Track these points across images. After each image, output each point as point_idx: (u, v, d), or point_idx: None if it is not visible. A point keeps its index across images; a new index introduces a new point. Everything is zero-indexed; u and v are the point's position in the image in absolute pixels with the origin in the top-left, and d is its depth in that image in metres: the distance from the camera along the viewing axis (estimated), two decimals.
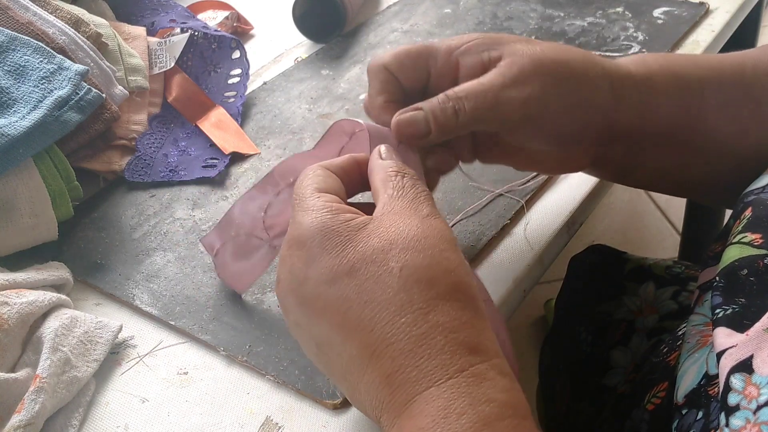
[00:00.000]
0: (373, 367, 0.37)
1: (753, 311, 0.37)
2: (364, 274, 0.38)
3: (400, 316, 0.37)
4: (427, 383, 0.35)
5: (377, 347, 0.37)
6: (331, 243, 0.39)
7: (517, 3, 0.91)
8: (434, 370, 0.35)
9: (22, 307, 0.47)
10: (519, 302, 0.54)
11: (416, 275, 0.37)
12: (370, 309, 0.37)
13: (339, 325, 0.38)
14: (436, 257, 0.38)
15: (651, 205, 1.78)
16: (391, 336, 0.36)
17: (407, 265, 0.37)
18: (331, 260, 0.39)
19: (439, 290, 0.37)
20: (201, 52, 0.78)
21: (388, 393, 0.36)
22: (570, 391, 0.70)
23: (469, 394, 0.34)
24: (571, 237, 0.60)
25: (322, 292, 0.39)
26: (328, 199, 0.41)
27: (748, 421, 0.34)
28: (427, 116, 0.46)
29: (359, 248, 0.38)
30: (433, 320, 0.36)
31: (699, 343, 0.45)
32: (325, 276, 0.39)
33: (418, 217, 0.39)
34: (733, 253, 0.40)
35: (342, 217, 0.40)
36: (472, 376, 0.35)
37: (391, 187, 0.41)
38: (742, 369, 0.35)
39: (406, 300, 0.37)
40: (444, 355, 0.36)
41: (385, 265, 0.38)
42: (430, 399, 0.35)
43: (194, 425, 0.46)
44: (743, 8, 0.88)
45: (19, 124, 0.55)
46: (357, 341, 0.38)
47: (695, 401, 0.42)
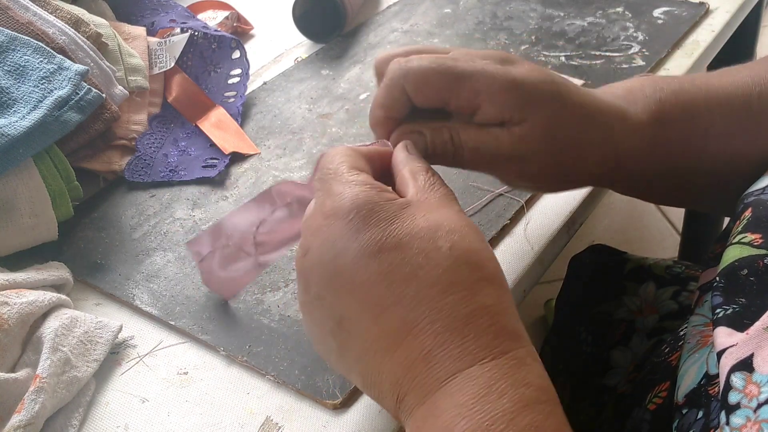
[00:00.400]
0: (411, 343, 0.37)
1: (753, 311, 0.37)
2: (413, 249, 0.38)
3: (447, 293, 0.37)
4: (471, 361, 0.36)
5: (420, 323, 0.37)
6: (378, 217, 0.39)
7: (517, 3, 0.91)
8: (479, 349, 0.36)
9: (22, 307, 0.47)
10: (519, 302, 0.54)
11: (465, 256, 0.38)
12: (416, 284, 0.37)
13: (377, 299, 0.37)
14: (479, 243, 0.39)
15: (651, 205, 1.78)
16: (437, 312, 0.37)
17: (456, 245, 0.38)
18: (378, 233, 0.38)
19: (484, 273, 0.38)
20: (201, 52, 0.78)
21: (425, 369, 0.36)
22: (570, 391, 0.70)
23: (511, 376, 0.35)
24: (571, 237, 0.60)
25: (363, 264, 0.38)
26: (367, 177, 0.41)
27: (749, 420, 0.34)
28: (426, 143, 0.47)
29: (406, 224, 0.38)
30: (480, 301, 0.37)
31: (699, 344, 0.45)
32: (369, 249, 0.38)
33: (454, 210, 0.40)
34: (733, 253, 0.40)
35: (386, 195, 0.40)
36: (514, 359, 0.36)
37: (423, 180, 0.42)
38: (743, 368, 0.35)
39: (455, 279, 0.37)
40: (488, 336, 0.36)
41: (434, 242, 0.38)
42: (472, 377, 0.35)
43: (194, 425, 0.46)
44: (743, 8, 0.88)
45: (19, 124, 0.55)
46: (396, 316, 0.37)
47: (695, 401, 0.42)
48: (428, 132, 0.47)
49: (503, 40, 0.84)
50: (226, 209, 0.62)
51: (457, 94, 0.46)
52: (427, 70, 0.45)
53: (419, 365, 0.36)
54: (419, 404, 0.36)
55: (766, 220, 0.41)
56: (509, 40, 0.83)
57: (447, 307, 0.37)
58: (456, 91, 0.46)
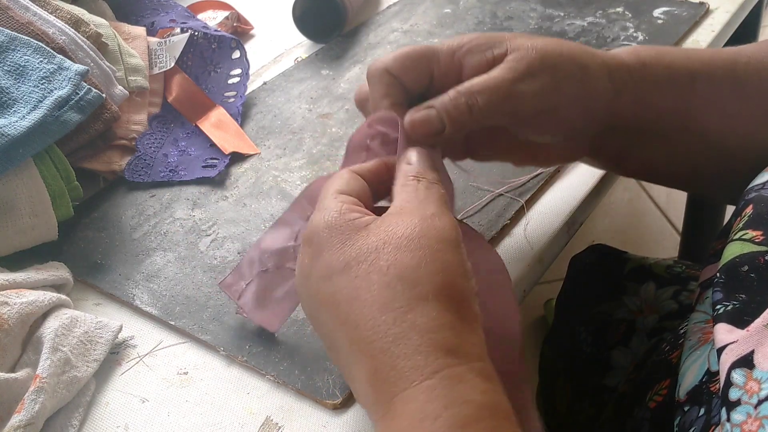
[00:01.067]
0: (360, 364, 0.37)
1: (753, 307, 0.37)
2: (356, 271, 0.38)
3: (381, 313, 0.37)
4: (404, 384, 0.35)
5: (360, 344, 0.37)
6: (333, 240, 0.40)
7: (517, 3, 0.91)
8: (410, 371, 0.35)
9: (22, 307, 0.47)
10: (519, 302, 0.54)
11: (402, 274, 0.37)
12: (357, 305, 0.38)
13: (334, 319, 0.39)
14: (426, 257, 0.38)
15: (651, 205, 1.78)
16: (372, 334, 0.37)
17: (395, 263, 0.38)
18: (330, 256, 0.39)
19: (422, 290, 0.37)
20: (201, 52, 0.78)
21: (372, 391, 0.37)
22: (570, 392, 0.70)
23: (444, 396, 0.34)
24: (571, 237, 0.60)
25: (321, 287, 0.40)
26: (343, 200, 0.42)
27: (749, 416, 0.34)
28: (440, 114, 0.46)
29: (356, 245, 0.39)
30: (411, 320, 0.36)
31: (701, 341, 0.46)
32: (323, 271, 0.40)
33: (420, 217, 0.39)
34: (734, 249, 0.40)
35: (348, 216, 0.40)
36: (447, 378, 0.35)
37: (405, 191, 0.42)
38: (743, 364, 0.35)
39: (389, 298, 0.37)
40: (419, 356, 0.35)
41: (376, 263, 0.38)
42: (407, 400, 0.35)
43: (194, 425, 0.46)
44: (743, 8, 0.88)
45: (19, 124, 0.55)
46: (346, 337, 0.38)
47: (697, 398, 0.42)
48: (437, 102, 0.47)
49: None
50: (226, 209, 0.62)
51: (437, 60, 0.48)
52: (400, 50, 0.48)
53: (368, 387, 0.37)
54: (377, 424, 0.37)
55: (767, 216, 0.41)
56: None
57: (381, 327, 0.37)
58: (435, 58, 0.48)
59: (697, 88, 0.50)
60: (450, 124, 0.46)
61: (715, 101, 0.50)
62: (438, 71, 0.48)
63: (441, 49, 0.49)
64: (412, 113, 0.47)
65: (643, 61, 0.50)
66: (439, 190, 0.42)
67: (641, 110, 0.50)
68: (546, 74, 0.47)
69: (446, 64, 0.48)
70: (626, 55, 0.50)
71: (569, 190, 0.62)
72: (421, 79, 0.48)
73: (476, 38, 0.48)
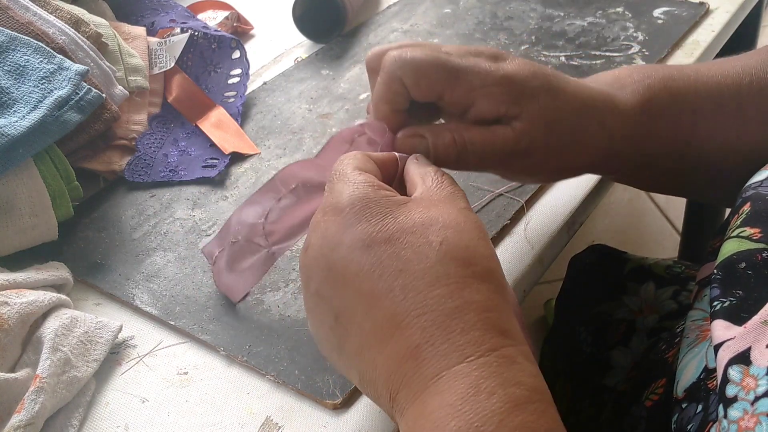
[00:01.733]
0: (399, 338, 0.37)
1: (750, 304, 0.37)
2: (402, 243, 0.38)
3: (434, 287, 0.37)
4: (458, 358, 0.35)
5: (407, 316, 0.36)
6: (371, 212, 0.39)
7: (517, 3, 0.91)
8: (466, 345, 0.35)
9: (22, 307, 0.47)
10: (519, 302, 0.54)
11: (455, 252, 0.38)
12: (404, 277, 0.37)
13: (368, 292, 0.38)
14: (474, 240, 0.39)
15: (651, 205, 1.78)
16: (423, 306, 0.36)
17: (447, 240, 0.38)
18: (370, 227, 0.39)
19: (475, 270, 0.38)
20: (201, 52, 0.78)
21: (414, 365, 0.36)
22: (570, 392, 0.70)
23: (500, 374, 0.34)
24: (571, 237, 0.60)
25: (355, 257, 0.38)
26: (368, 177, 0.42)
27: (746, 412, 0.34)
28: (428, 147, 0.47)
29: (399, 219, 0.39)
30: (468, 297, 0.36)
31: (699, 338, 0.46)
32: (361, 241, 0.38)
33: (456, 207, 0.40)
34: (731, 246, 0.40)
35: (383, 192, 0.40)
36: (503, 357, 0.35)
37: (431, 180, 0.42)
38: (740, 361, 0.35)
39: (443, 273, 0.37)
40: (476, 332, 0.36)
41: (425, 237, 0.38)
42: (459, 375, 0.35)
43: (194, 425, 0.46)
44: (743, 8, 0.88)
45: (19, 124, 0.55)
46: (386, 309, 0.37)
47: (695, 395, 0.42)
48: (430, 135, 0.47)
49: (503, 40, 0.83)
50: (226, 209, 0.62)
51: (452, 88, 0.47)
52: (422, 61, 0.46)
53: (408, 362, 0.36)
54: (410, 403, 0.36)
55: (765, 214, 0.41)
56: (509, 40, 0.83)
57: (433, 300, 0.36)
58: (451, 86, 0.47)
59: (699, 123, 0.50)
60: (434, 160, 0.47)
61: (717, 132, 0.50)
62: (449, 97, 0.47)
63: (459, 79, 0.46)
64: (404, 136, 0.47)
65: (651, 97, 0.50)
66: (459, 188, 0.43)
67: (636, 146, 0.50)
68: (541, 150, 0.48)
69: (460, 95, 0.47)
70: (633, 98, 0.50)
71: (569, 190, 0.62)
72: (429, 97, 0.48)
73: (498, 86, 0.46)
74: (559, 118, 0.47)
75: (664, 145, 0.51)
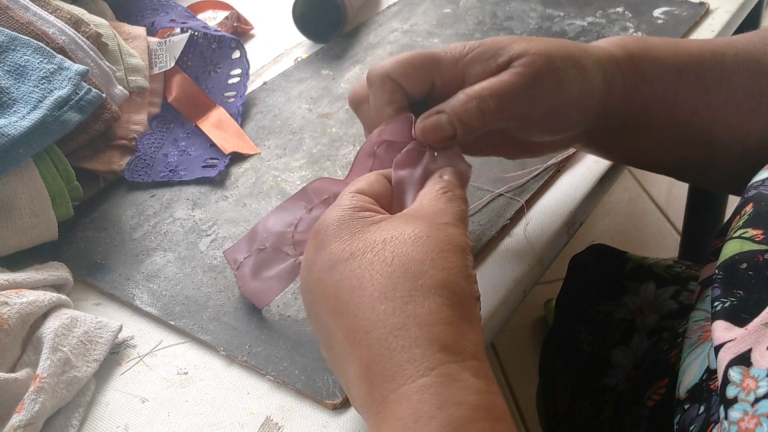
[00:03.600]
0: (354, 356, 0.37)
1: (751, 305, 0.37)
2: (359, 260, 0.38)
3: (381, 302, 0.37)
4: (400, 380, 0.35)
5: (358, 333, 0.37)
6: (342, 233, 0.40)
7: (517, 3, 0.91)
8: (406, 365, 0.35)
9: (22, 307, 0.47)
10: (519, 302, 0.54)
11: (406, 266, 0.37)
12: (358, 294, 0.37)
13: (333, 310, 0.39)
14: (432, 254, 0.38)
15: (651, 205, 1.78)
16: (370, 323, 0.36)
17: (399, 255, 0.38)
18: (336, 247, 0.39)
19: (424, 282, 0.37)
20: (201, 52, 0.78)
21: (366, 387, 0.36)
22: (570, 391, 0.70)
23: (439, 396, 0.34)
24: (571, 237, 0.60)
25: (323, 276, 0.39)
26: (358, 199, 0.42)
27: (746, 413, 0.34)
28: (451, 118, 0.46)
29: (363, 238, 0.39)
30: (411, 311, 0.36)
31: (701, 339, 0.46)
32: (327, 261, 0.39)
33: (432, 223, 0.40)
34: (733, 247, 0.40)
35: (360, 213, 0.41)
36: (442, 376, 0.34)
37: (427, 198, 0.43)
38: (741, 362, 0.35)
39: (390, 287, 0.37)
40: (417, 349, 0.35)
41: (381, 253, 0.38)
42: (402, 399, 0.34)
43: (194, 425, 0.46)
44: (743, 8, 0.88)
45: (19, 124, 0.55)
46: (344, 327, 0.38)
47: (697, 396, 0.42)
48: (447, 107, 0.46)
49: None
50: (226, 209, 0.62)
51: (439, 69, 0.48)
52: (403, 56, 0.48)
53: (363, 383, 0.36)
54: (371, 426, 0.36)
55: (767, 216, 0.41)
56: None
57: (379, 317, 0.36)
58: (438, 67, 0.48)
59: (682, 81, 0.50)
60: (461, 128, 0.46)
61: (700, 94, 0.50)
62: (440, 79, 0.48)
63: (444, 57, 0.48)
64: (423, 120, 0.47)
65: (631, 54, 0.50)
66: (460, 205, 0.43)
67: (629, 102, 0.50)
68: (552, 78, 0.47)
69: (449, 72, 0.48)
70: (615, 48, 0.51)
71: (569, 190, 0.62)
72: (422, 86, 0.48)
73: (479, 46, 0.48)
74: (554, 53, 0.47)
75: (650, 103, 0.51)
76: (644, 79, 0.50)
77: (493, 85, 0.46)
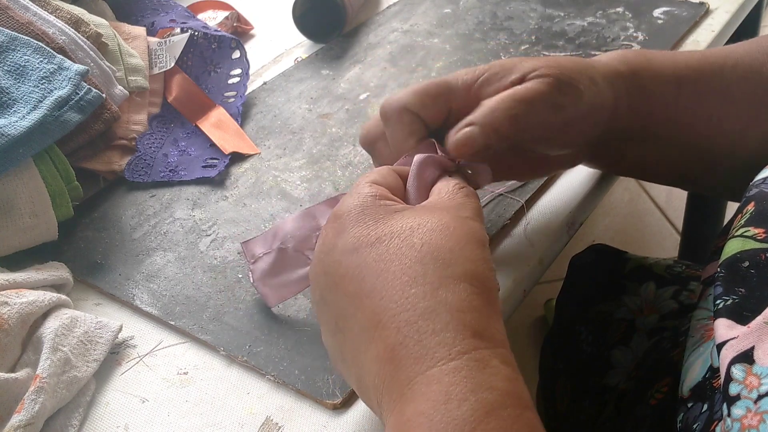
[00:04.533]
0: (378, 339, 0.37)
1: (753, 303, 0.38)
2: (386, 245, 0.38)
3: (410, 286, 0.37)
4: (430, 362, 0.35)
5: (384, 315, 0.37)
6: (365, 218, 0.40)
7: (517, 3, 0.91)
8: (437, 348, 0.35)
9: (22, 307, 0.47)
10: (519, 302, 0.54)
11: (436, 253, 0.38)
12: (384, 277, 0.38)
13: (354, 293, 0.38)
14: (460, 243, 0.39)
15: (651, 205, 1.78)
16: (399, 305, 0.36)
17: (429, 242, 0.38)
18: (360, 231, 0.40)
19: (455, 270, 0.37)
20: (201, 52, 0.78)
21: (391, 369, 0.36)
22: (570, 391, 0.70)
23: (471, 379, 0.34)
24: (571, 237, 0.60)
25: (344, 259, 0.39)
26: (377, 188, 0.42)
27: (749, 410, 0.34)
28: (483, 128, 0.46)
29: (389, 224, 0.39)
30: (442, 296, 0.36)
31: (704, 337, 0.46)
32: (350, 244, 0.40)
33: (457, 216, 0.40)
34: (735, 245, 0.41)
35: (382, 201, 0.41)
36: (475, 360, 0.35)
37: (446, 191, 0.43)
38: (743, 360, 0.36)
39: (420, 272, 0.37)
40: (448, 333, 0.35)
41: (409, 239, 0.38)
42: (432, 381, 0.34)
43: (194, 425, 0.46)
44: (743, 8, 0.88)
45: (19, 124, 0.55)
46: (367, 309, 0.38)
47: (701, 394, 0.43)
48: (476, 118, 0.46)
49: (503, 40, 0.84)
50: (226, 209, 0.62)
51: (454, 94, 0.48)
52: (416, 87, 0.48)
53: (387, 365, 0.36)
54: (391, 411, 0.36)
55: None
56: (509, 40, 0.83)
57: (408, 300, 0.36)
58: (453, 93, 0.48)
59: (683, 94, 0.51)
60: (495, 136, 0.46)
61: (701, 106, 0.51)
62: (456, 106, 0.48)
63: (456, 84, 0.49)
64: (454, 134, 0.46)
65: (633, 69, 0.51)
66: (476, 201, 0.43)
67: (633, 116, 0.51)
68: (571, 88, 0.47)
69: (463, 98, 0.48)
70: (618, 63, 0.51)
71: (569, 190, 0.62)
72: (439, 115, 0.48)
73: (489, 69, 0.49)
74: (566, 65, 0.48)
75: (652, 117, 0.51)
76: (646, 92, 0.51)
77: (518, 92, 0.47)
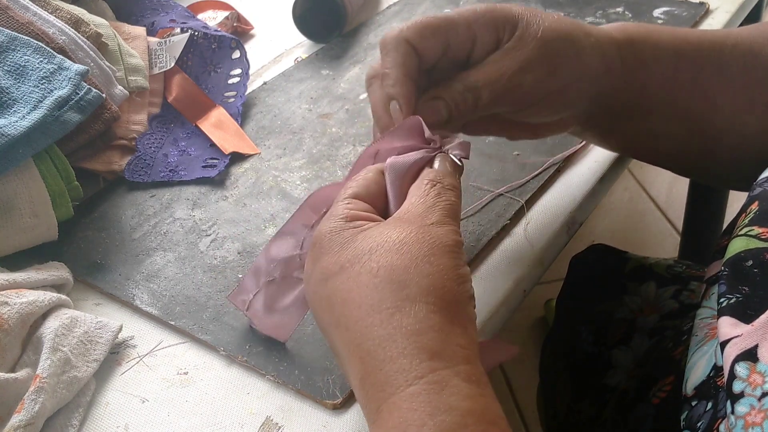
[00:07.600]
0: (352, 367, 0.38)
1: (756, 301, 0.38)
2: (349, 272, 0.39)
3: (369, 315, 0.37)
4: (390, 390, 0.35)
5: (351, 346, 0.37)
6: (333, 245, 0.40)
7: (517, 3, 0.91)
8: (396, 375, 0.35)
9: (22, 307, 0.47)
10: (519, 302, 0.54)
11: (392, 275, 0.37)
12: (348, 307, 0.38)
13: (329, 322, 0.39)
14: (416, 260, 0.38)
15: (651, 205, 1.78)
16: (360, 335, 0.37)
17: (384, 265, 0.38)
18: (328, 259, 0.40)
19: (410, 292, 0.37)
20: (201, 52, 0.78)
21: (363, 396, 0.37)
22: (571, 391, 0.70)
23: (428, 404, 0.34)
24: (571, 237, 0.60)
25: (318, 289, 0.40)
26: (352, 207, 0.42)
27: (753, 408, 0.34)
28: (448, 105, 0.48)
29: (351, 248, 0.39)
30: (398, 321, 0.36)
31: (707, 336, 0.46)
32: (320, 274, 0.40)
33: (420, 225, 0.40)
34: (739, 245, 0.41)
35: (353, 223, 0.41)
36: (432, 383, 0.35)
37: (416, 195, 0.42)
38: (747, 358, 0.36)
39: (377, 299, 0.37)
40: (404, 359, 0.35)
41: (368, 264, 0.38)
42: (392, 408, 0.35)
43: (194, 425, 0.46)
44: (743, 8, 0.88)
45: (19, 124, 0.55)
46: (338, 339, 0.38)
47: (705, 393, 0.43)
48: (446, 95, 0.48)
49: None
50: (226, 209, 0.62)
51: (455, 32, 0.48)
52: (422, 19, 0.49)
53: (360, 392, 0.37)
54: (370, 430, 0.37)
55: None
56: None
57: (368, 329, 0.36)
58: (453, 30, 0.48)
59: (680, 68, 0.51)
60: (457, 115, 0.48)
61: (697, 82, 0.51)
62: (454, 42, 0.49)
63: (458, 21, 0.49)
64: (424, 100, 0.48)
65: (631, 38, 0.51)
66: (450, 198, 0.42)
67: (628, 84, 0.51)
68: (544, 63, 0.48)
69: (463, 34, 0.49)
70: (616, 32, 0.51)
71: (569, 190, 0.62)
72: (436, 50, 0.49)
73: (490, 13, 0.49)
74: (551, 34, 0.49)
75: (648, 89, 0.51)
76: (643, 62, 0.51)
77: (487, 76, 0.48)
